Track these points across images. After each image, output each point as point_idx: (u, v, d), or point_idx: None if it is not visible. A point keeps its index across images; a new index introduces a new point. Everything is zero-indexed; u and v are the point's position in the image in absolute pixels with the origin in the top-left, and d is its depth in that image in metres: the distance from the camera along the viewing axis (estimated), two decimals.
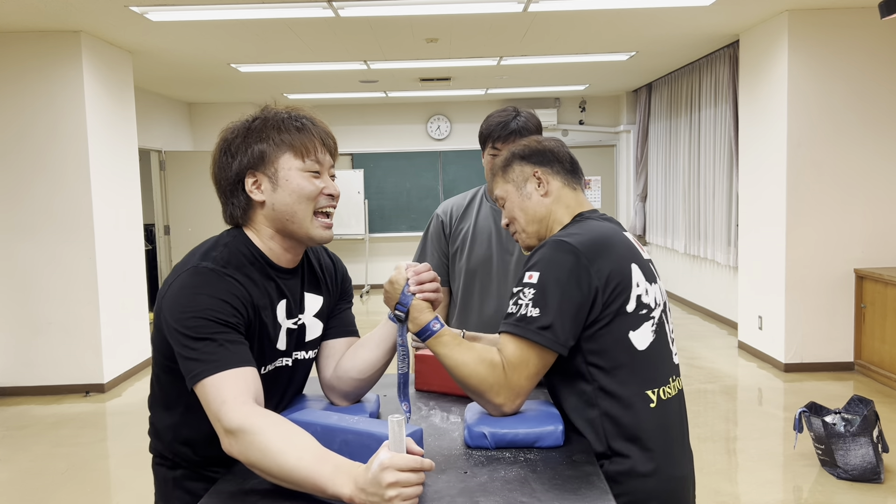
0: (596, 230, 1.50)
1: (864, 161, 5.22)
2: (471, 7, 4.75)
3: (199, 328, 1.26)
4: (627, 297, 1.45)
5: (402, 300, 1.48)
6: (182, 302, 1.28)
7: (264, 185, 1.39)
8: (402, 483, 1.07)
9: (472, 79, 7.93)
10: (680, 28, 5.64)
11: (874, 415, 3.40)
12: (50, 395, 5.31)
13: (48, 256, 5.28)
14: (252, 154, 1.38)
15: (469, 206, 2.31)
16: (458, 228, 2.30)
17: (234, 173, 1.40)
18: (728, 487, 3.43)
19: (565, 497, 1.18)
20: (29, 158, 5.21)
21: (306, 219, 1.40)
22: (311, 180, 1.40)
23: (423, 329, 1.47)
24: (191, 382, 1.26)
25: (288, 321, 1.46)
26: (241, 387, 1.23)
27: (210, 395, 1.23)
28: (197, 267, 1.32)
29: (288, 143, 1.38)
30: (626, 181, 9.72)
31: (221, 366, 1.24)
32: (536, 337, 1.40)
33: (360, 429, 1.27)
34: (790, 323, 5.32)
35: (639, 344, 1.46)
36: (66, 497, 3.55)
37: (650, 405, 1.45)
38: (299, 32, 5.40)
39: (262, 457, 1.16)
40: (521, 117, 2.15)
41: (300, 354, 1.52)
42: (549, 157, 1.62)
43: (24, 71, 5.16)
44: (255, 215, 1.42)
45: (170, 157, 8.57)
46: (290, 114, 1.42)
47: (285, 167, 1.38)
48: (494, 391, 1.41)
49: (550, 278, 1.42)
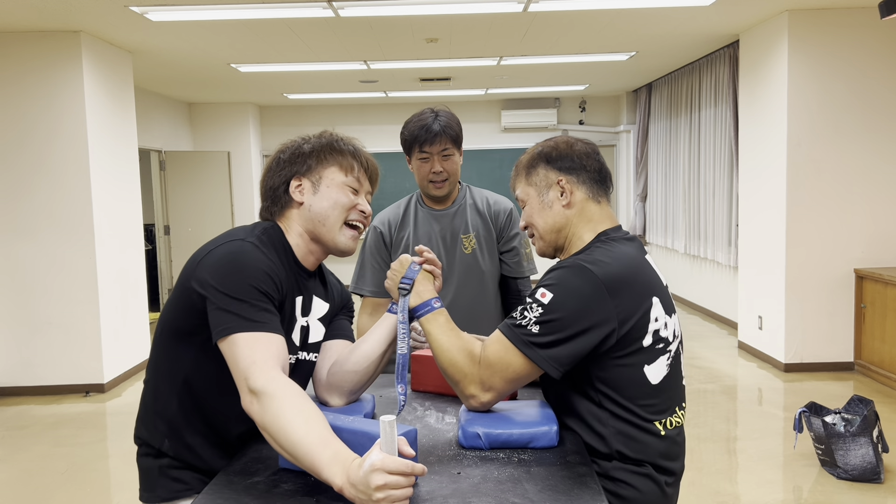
0: (623, 259, 1.43)
1: (864, 161, 5.21)
2: (471, 7, 4.75)
3: (242, 291, 1.32)
4: (645, 332, 1.42)
5: (409, 273, 1.53)
6: (227, 266, 1.34)
7: (306, 188, 1.51)
8: (391, 486, 1.07)
9: (472, 79, 7.93)
10: (680, 28, 5.64)
11: (874, 415, 3.39)
12: (50, 395, 5.32)
13: (48, 256, 5.28)
14: (302, 157, 1.52)
15: (405, 215, 2.30)
16: (399, 237, 2.28)
17: (283, 179, 1.52)
18: (728, 487, 3.42)
19: (558, 498, 1.18)
20: (29, 158, 5.22)
21: (336, 225, 1.51)
22: (348, 193, 1.52)
23: (424, 303, 1.50)
24: (221, 335, 1.30)
25: (302, 318, 1.53)
26: (273, 351, 1.29)
27: (241, 352, 1.27)
28: (244, 241, 1.39)
29: (336, 158, 1.53)
30: (626, 181, 9.72)
31: (258, 327, 1.30)
32: (525, 349, 1.39)
33: (356, 428, 1.27)
34: (790, 323, 5.32)
35: (653, 378, 1.44)
36: (66, 497, 3.55)
37: (660, 434, 1.45)
38: (299, 32, 5.41)
39: (274, 422, 1.19)
40: (441, 118, 2.16)
41: (303, 354, 1.55)
42: (576, 165, 1.55)
43: (24, 71, 5.17)
44: (291, 213, 1.52)
45: (170, 157, 8.57)
46: (342, 138, 1.57)
47: (329, 177, 1.51)
48: (467, 381, 1.44)
49: (562, 304, 1.38)
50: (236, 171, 9.28)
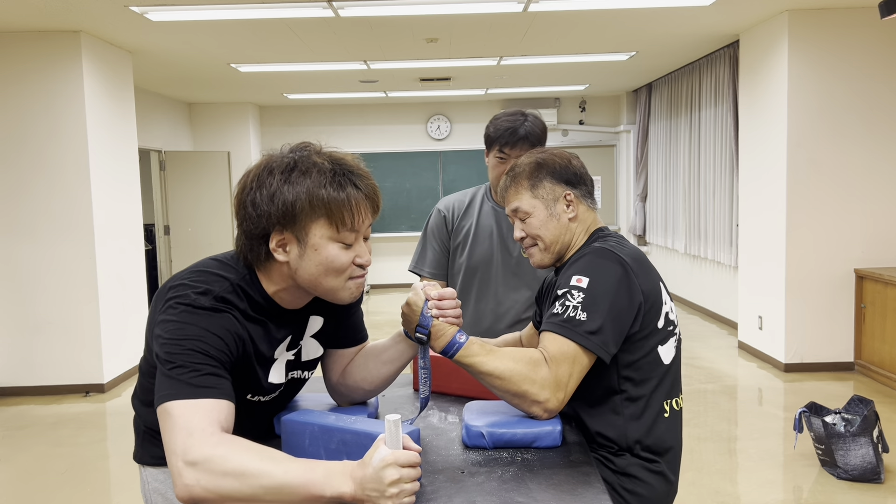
0: (631, 247, 1.54)
1: (864, 161, 5.21)
2: (471, 7, 4.75)
3: (182, 355, 1.17)
4: (659, 312, 1.50)
5: (423, 322, 1.41)
6: (173, 328, 1.20)
7: (291, 247, 1.27)
8: (404, 479, 1.08)
9: (472, 79, 7.93)
10: (680, 28, 5.64)
11: (874, 415, 3.40)
12: (50, 395, 5.31)
13: (48, 256, 5.28)
14: (285, 207, 1.24)
15: (471, 204, 2.31)
16: (461, 225, 2.29)
17: (262, 226, 1.26)
18: (728, 487, 3.43)
19: (562, 497, 1.18)
20: (29, 159, 5.21)
21: (331, 289, 1.30)
22: (343, 251, 1.28)
23: (449, 345, 1.41)
24: (156, 403, 1.16)
25: (288, 353, 1.41)
26: (216, 418, 1.13)
27: (176, 422, 1.11)
28: (195, 301, 1.22)
29: (325, 207, 1.24)
30: (626, 181, 9.72)
31: (198, 393, 1.14)
32: (583, 340, 1.40)
33: (358, 429, 1.27)
34: (790, 323, 5.32)
35: (665, 358, 1.51)
36: (66, 497, 3.55)
37: (665, 415, 1.51)
38: (299, 32, 5.40)
39: (239, 482, 1.06)
40: (528, 122, 2.15)
41: (296, 373, 1.46)
42: (578, 179, 1.62)
43: (24, 71, 5.16)
44: (272, 266, 1.31)
45: (170, 157, 8.57)
46: (335, 167, 1.27)
47: (317, 234, 1.26)
48: (538, 387, 1.37)
49: (601, 284, 1.43)
50: (236, 171, 9.27)
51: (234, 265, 1.32)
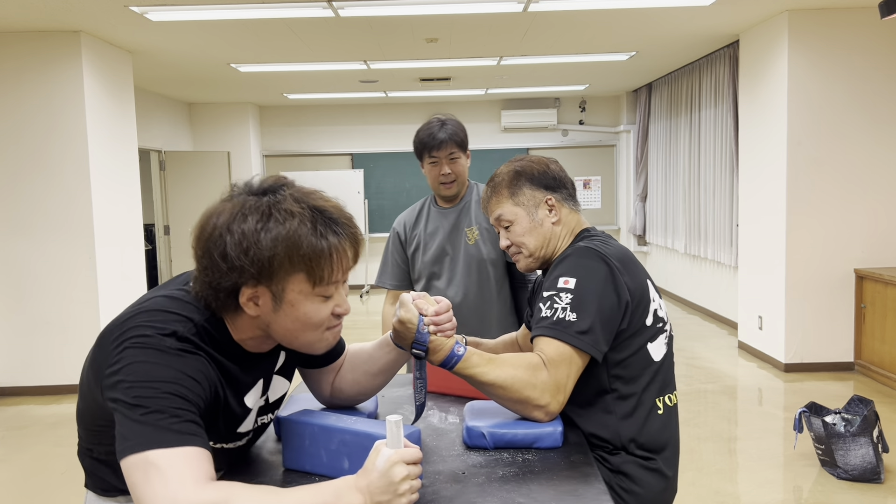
0: (616, 245, 1.55)
1: (864, 161, 5.21)
2: (471, 7, 4.75)
3: (159, 399, 1.04)
4: (647, 310, 1.50)
5: (420, 339, 1.37)
6: (141, 370, 1.06)
7: (264, 300, 1.16)
8: (412, 476, 1.09)
9: (472, 79, 7.93)
10: (680, 28, 5.64)
11: (874, 415, 3.40)
12: (50, 395, 5.31)
13: (48, 256, 5.28)
14: (261, 263, 1.11)
15: (419, 215, 2.59)
16: (413, 234, 2.57)
17: (233, 280, 1.13)
18: (728, 487, 3.43)
19: (563, 498, 1.18)
20: (28, 158, 5.21)
21: (308, 342, 1.22)
22: (322, 304, 1.18)
23: (447, 359, 1.39)
24: (127, 451, 1.01)
25: (261, 399, 1.32)
26: (206, 468, 1.03)
27: (165, 472, 0.99)
28: (161, 343, 1.09)
29: (305, 262, 1.13)
30: (626, 181, 9.72)
31: (184, 441, 1.03)
32: (575, 341, 1.41)
33: (359, 429, 1.27)
34: (790, 323, 5.32)
35: (655, 355, 1.52)
36: (66, 497, 3.54)
37: (658, 412, 1.52)
38: (299, 32, 5.40)
39: None
40: (447, 125, 2.40)
41: (265, 418, 1.36)
42: (558, 183, 1.64)
43: (23, 70, 5.16)
44: (242, 318, 1.19)
45: (170, 157, 8.57)
46: (314, 215, 1.15)
47: (295, 290, 1.15)
48: (539, 392, 1.38)
49: (588, 284, 1.44)
50: (236, 171, 9.27)
51: (194, 304, 1.18)
